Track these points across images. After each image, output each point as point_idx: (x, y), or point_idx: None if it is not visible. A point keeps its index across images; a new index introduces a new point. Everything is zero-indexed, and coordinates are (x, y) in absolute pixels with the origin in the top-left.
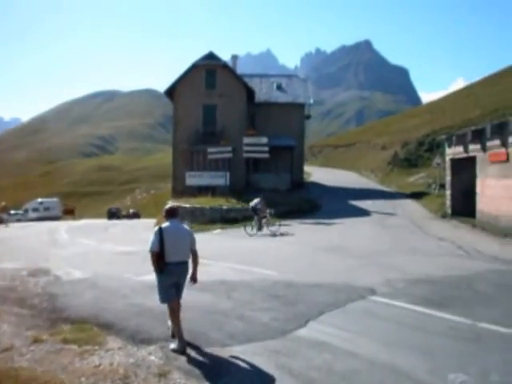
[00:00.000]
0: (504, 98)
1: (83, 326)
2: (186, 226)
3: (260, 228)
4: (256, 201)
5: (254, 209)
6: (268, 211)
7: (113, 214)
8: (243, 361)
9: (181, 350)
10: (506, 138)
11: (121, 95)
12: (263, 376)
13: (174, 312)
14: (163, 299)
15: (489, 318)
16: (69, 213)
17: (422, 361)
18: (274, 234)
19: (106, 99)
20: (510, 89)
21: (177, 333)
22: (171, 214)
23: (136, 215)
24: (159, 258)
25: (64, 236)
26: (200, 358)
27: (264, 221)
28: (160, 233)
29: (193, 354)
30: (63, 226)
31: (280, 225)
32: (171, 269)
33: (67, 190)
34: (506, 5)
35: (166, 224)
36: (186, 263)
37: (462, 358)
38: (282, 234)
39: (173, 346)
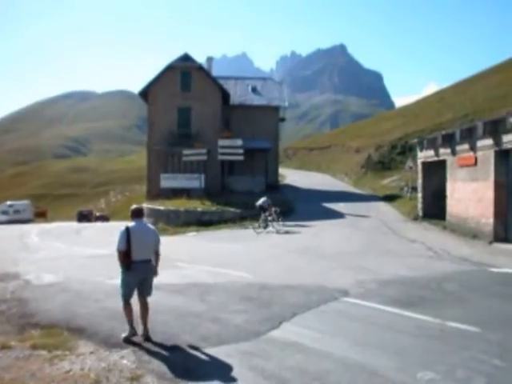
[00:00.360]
0: (473, 103)
1: (53, 330)
2: (151, 226)
3: (266, 226)
4: (263, 200)
5: (261, 207)
6: (273, 210)
7: (83, 217)
8: (216, 363)
9: (130, 336)
10: (474, 142)
11: (95, 96)
12: (236, 378)
13: (129, 306)
14: (125, 294)
15: (457, 317)
16: (40, 215)
17: (392, 360)
18: (278, 232)
19: (79, 100)
20: (479, 94)
21: (129, 322)
22: (137, 214)
23: (103, 218)
24: (126, 256)
25: (35, 239)
26: (172, 361)
27: (270, 219)
28: (127, 232)
29: (165, 356)
30: (34, 229)
31: (284, 224)
32: (136, 266)
33: (39, 192)
34: (474, 13)
35: (132, 224)
36: (150, 261)
37: (430, 357)
38: (287, 232)
39: (123, 334)
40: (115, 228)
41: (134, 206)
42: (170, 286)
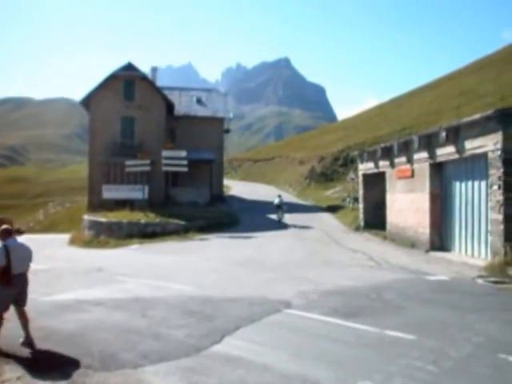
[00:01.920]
0: (410, 118)
1: None
2: (23, 242)
3: (281, 219)
4: (279, 199)
5: (278, 205)
6: (283, 207)
7: None
8: (155, 382)
9: (28, 342)
10: (411, 155)
11: (33, 103)
12: None
13: (2, 319)
14: (1, 309)
15: (394, 325)
16: None
17: (333, 370)
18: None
19: (15, 106)
20: (414, 109)
21: (24, 328)
22: (9, 233)
23: (18, 232)
24: (6, 272)
25: None
26: (109, 382)
27: (280, 216)
28: (5, 248)
29: (101, 378)
30: None
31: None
32: (16, 280)
33: None
34: (411, 32)
35: (7, 242)
36: (25, 274)
37: (368, 366)
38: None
39: (21, 339)
40: (57, 241)
41: (3, 227)
42: (110, 300)
